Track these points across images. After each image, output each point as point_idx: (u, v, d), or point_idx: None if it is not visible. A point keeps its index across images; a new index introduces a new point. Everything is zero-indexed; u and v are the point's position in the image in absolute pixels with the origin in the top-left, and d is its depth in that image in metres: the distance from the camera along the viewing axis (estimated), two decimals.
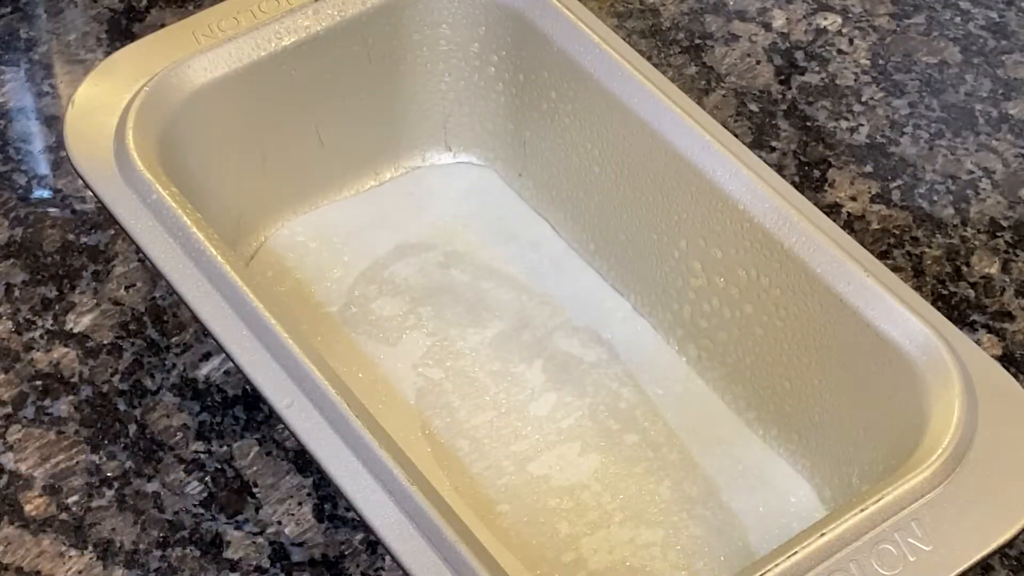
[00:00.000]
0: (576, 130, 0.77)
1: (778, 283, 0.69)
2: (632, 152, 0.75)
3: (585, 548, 0.69)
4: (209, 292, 0.65)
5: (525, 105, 0.80)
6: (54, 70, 0.89)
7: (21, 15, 0.91)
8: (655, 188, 0.74)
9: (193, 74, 0.74)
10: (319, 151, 0.81)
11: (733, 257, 0.71)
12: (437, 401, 0.74)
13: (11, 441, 0.72)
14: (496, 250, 0.81)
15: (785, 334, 0.70)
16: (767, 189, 0.69)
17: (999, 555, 0.69)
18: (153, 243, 0.67)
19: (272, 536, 0.69)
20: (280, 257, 0.80)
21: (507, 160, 0.83)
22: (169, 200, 0.67)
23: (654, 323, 0.77)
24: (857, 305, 0.66)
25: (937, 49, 0.91)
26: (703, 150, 0.71)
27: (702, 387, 0.75)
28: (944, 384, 0.62)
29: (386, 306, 0.78)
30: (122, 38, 0.89)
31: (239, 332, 0.64)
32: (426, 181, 0.84)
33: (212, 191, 0.76)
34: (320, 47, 0.77)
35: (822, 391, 0.69)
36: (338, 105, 0.80)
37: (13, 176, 0.82)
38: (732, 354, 0.73)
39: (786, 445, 0.72)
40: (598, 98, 0.75)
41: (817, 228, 0.67)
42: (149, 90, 0.72)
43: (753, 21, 0.93)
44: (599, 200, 0.78)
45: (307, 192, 0.81)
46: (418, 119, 0.83)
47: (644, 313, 0.78)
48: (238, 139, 0.77)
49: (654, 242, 0.75)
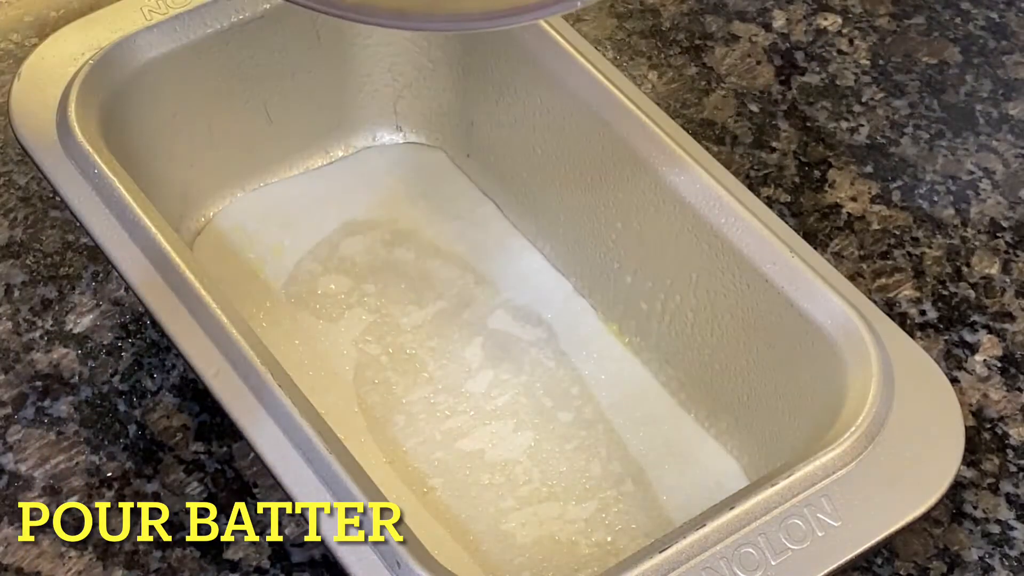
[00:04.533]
0: (520, 112, 0.78)
1: (708, 265, 0.70)
2: (572, 134, 0.75)
3: (515, 522, 0.70)
4: (141, 260, 0.66)
5: (472, 87, 0.81)
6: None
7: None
8: (594, 170, 0.75)
9: (140, 49, 0.74)
10: (268, 129, 0.81)
11: (666, 239, 0.72)
12: (375, 376, 0.75)
13: (11, 442, 0.72)
14: (442, 229, 0.82)
15: (715, 315, 0.71)
16: (698, 170, 0.70)
17: (1000, 556, 0.69)
18: (91, 214, 0.68)
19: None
20: (227, 233, 0.81)
21: (455, 141, 0.84)
22: (107, 171, 0.68)
23: (593, 304, 0.78)
24: (782, 285, 0.66)
25: (937, 49, 0.91)
26: (640, 133, 0.72)
27: (637, 368, 0.76)
28: (861, 364, 0.63)
29: (331, 283, 0.79)
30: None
31: (170, 302, 0.65)
32: (375, 160, 0.85)
33: (159, 166, 0.77)
34: (269, 25, 0.78)
35: (749, 371, 0.70)
36: (287, 84, 0.81)
37: (14, 176, 0.83)
38: (665, 335, 0.74)
39: (716, 424, 0.73)
40: (541, 80, 0.76)
41: (746, 209, 0.68)
42: (94, 63, 0.73)
43: (753, 21, 0.93)
44: (541, 182, 0.79)
45: (255, 169, 0.82)
46: (368, 99, 0.84)
47: (584, 294, 0.78)
48: (186, 115, 0.78)
49: (592, 224, 0.76)
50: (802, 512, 0.59)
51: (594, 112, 0.73)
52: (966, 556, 0.69)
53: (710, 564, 0.58)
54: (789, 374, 0.67)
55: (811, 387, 0.66)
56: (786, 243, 0.67)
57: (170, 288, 0.65)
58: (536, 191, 0.79)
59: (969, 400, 0.75)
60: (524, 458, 0.72)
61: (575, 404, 0.74)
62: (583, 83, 0.74)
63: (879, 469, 0.60)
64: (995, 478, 0.72)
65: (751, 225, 0.68)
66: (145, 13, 0.75)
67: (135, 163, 0.72)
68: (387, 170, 0.84)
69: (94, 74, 0.72)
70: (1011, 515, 0.71)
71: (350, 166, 0.84)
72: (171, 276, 0.65)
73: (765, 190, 0.83)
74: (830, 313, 0.65)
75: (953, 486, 0.62)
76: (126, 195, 0.67)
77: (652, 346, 0.75)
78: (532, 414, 0.74)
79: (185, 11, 0.75)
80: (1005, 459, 0.73)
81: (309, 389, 0.64)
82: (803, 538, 0.58)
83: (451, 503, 0.71)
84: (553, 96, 0.76)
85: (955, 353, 0.77)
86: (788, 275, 0.66)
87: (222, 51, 0.77)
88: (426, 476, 0.72)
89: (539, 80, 0.76)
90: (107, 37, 0.74)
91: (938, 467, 0.61)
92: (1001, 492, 0.72)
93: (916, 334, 0.77)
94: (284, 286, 0.79)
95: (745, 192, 0.70)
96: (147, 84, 0.75)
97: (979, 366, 0.76)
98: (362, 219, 0.82)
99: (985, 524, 0.70)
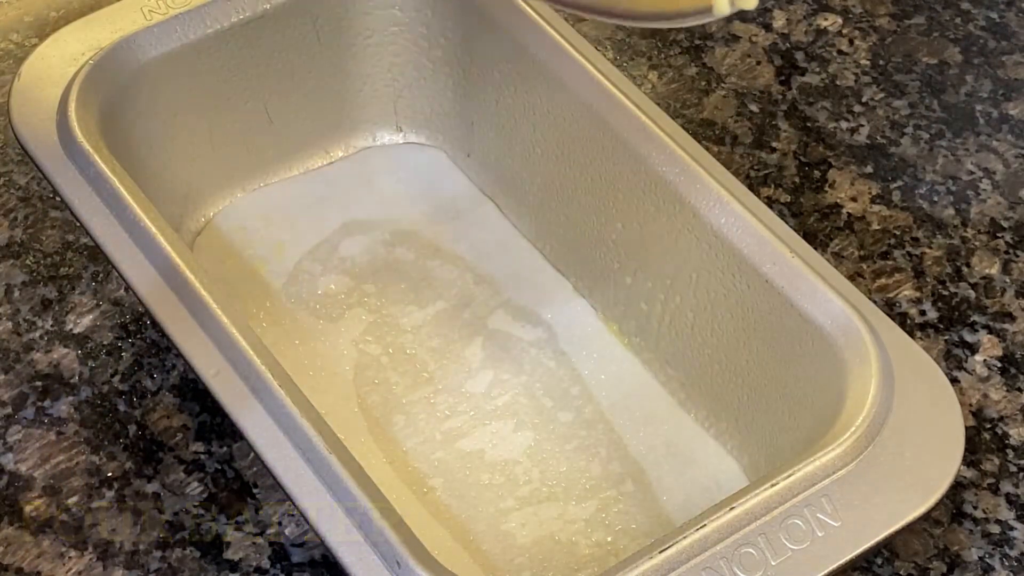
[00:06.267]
0: (520, 112, 0.78)
1: (708, 265, 0.70)
2: (573, 134, 0.75)
3: (515, 522, 0.70)
4: (141, 260, 0.66)
5: (472, 87, 0.81)
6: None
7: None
8: (594, 170, 0.75)
9: (140, 49, 0.74)
10: (268, 129, 0.81)
11: (666, 239, 0.72)
12: (375, 377, 0.75)
13: (11, 442, 0.72)
14: (442, 229, 0.82)
15: (715, 315, 0.71)
16: (699, 169, 0.70)
17: (1000, 556, 0.70)
18: (91, 214, 0.68)
19: (272, 537, 0.69)
20: (227, 233, 0.81)
21: (455, 141, 0.84)
22: (107, 171, 0.68)
23: (593, 304, 0.78)
24: (782, 285, 0.66)
25: (937, 50, 0.91)
26: (639, 133, 0.72)
27: (637, 367, 0.76)
28: (862, 364, 0.63)
29: (331, 283, 0.79)
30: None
31: (170, 302, 0.65)
32: (375, 161, 0.85)
33: (159, 166, 0.77)
34: (269, 26, 0.78)
35: (749, 371, 0.70)
36: (287, 84, 0.81)
37: (14, 176, 0.83)
38: (665, 335, 0.74)
39: (716, 424, 0.73)
40: (541, 80, 0.76)
41: (746, 209, 0.68)
42: (94, 63, 0.73)
43: (753, 22, 0.93)
44: (541, 182, 0.79)
45: (255, 169, 0.82)
46: (368, 99, 0.84)
47: (584, 294, 0.78)
48: (186, 115, 0.78)
49: (592, 224, 0.76)
50: (802, 512, 0.59)
51: (594, 112, 0.73)
52: (966, 556, 0.69)
53: (710, 564, 0.58)
54: (789, 374, 0.67)
55: (811, 387, 0.66)
56: (786, 243, 0.67)
57: (170, 288, 0.65)
58: (536, 191, 0.79)
59: (969, 400, 0.75)
60: (524, 458, 0.72)
61: (575, 404, 0.74)
62: (583, 83, 0.74)
63: (879, 469, 0.60)
64: (995, 478, 0.72)
65: (751, 225, 0.68)
66: (145, 13, 0.75)
67: (135, 163, 0.72)
68: (387, 170, 0.84)
69: (94, 74, 0.72)
70: (1011, 515, 0.71)
71: (350, 166, 0.84)
72: (171, 276, 0.65)
73: (765, 190, 0.83)
74: (830, 313, 0.65)
75: (953, 486, 0.62)
76: (126, 195, 0.67)
77: (652, 346, 0.75)
78: (532, 414, 0.74)
79: (185, 11, 0.75)
80: (1005, 459, 0.73)
81: (309, 389, 0.64)
82: (803, 538, 0.58)
83: (451, 503, 0.71)
84: (553, 96, 0.76)
85: (955, 353, 0.77)
86: (788, 275, 0.66)
87: (222, 51, 0.77)
88: (426, 476, 0.72)
89: (539, 80, 0.76)
90: (107, 37, 0.74)
91: (938, 467, 0.61)
92: (1001, 492, 0.72)
93: (916, 334, 0.77)
94: (284, 286, 0.79)
95: (745, 192, 0.70)
96: (147, 84, 0.75)
97: (979, 366, 0.76)
98: (362, 219, 0.82)
99: (985, 524, 0.70)
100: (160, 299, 0.65)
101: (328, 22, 0.80)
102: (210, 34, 0.76)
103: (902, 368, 0.63)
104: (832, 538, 0.59)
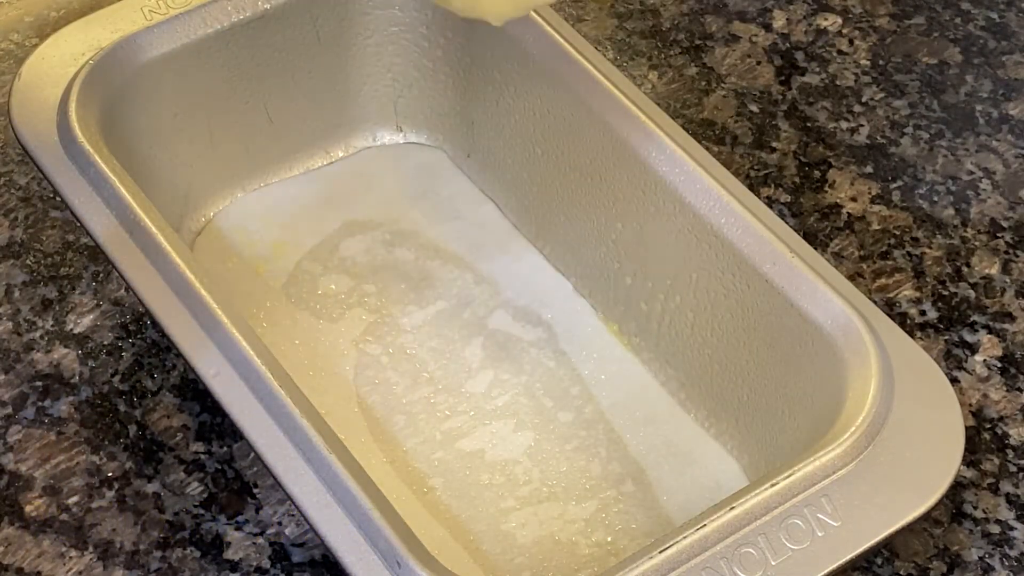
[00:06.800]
0: (520, 111, 0.78)
1: (708, 265, 0.70)
2: (572, 134, 0.75)
3: (515, 522, 0.70)
4: (141, 260, 0.66)
5: (473, 87, 0.81)
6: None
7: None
8: (593, 170, 0.75)
9: (140, 49, 0.74)
10: (268, 129, 0.81)
11: (666, 239, 0.72)
12: (375, 376, 0.75)
13: (11, 442, 0.72)
14: (442, 229, 0.82)
15: (715, 315, 0.71)
16: (699, 169, 0.70)
17: (1000, 556, 0.70)
18: (91, 214, 0.68)
19: (272, 537, 0.69)
20: (228, 233, 0.81)
21: (456, 141, 0.84)
22: (107, 171, 0.68)
23: (593, 304, 0.78)
24: (782, 285, 0.66)
25: (937, 50, 0.91)
26: (639, 133, 0.72)
27: (637, 368, 0.76)
28: (862, 364, 0.63)
29: (331, 283, 0.79)
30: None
31: (170, 302, 0.65)
32: (376, 160, 0.85)
33: (160, 166, 0.77)
34: (269, 26, 0.78)
35: (749, 371, 0.70)
36: (288, 84, 0.81)
37: (14, 176, 0.83)
38: (665, 335, 0.74)
39: (716, 425, 0.73)
40: (541, 80, 0.76)
41: (746, 209, 0.68)
42: (94, 63, 0.73)
43: (753, 22, 0.93)
44: (542, 182, 0.79)
45: (255, 169, 0.82)
46: (368, 99, 0.84)
47: (584, 294, 0.78)
48: (186, 115, 0.78)
49: (592, 224, 0.76)
50: (802, 512, 0.59)
51: (594, 112, 0.73)
52: (966, 556, 0.69)
53: (710, 564, 0.58)
54: (789, 374, 0.67)
55: (811, 387, 0.66)
56: (786, 243, 0.67)
57: (170, 288, 0.65)
58: (536, 191, 0.79)
59: (969, 400, 0.75)
60: (524, 458, 0.72)
61: (575, 404, 0.74)
62: (583, 83, 0.74)
63: (879, 469, 0.60)
64: (995, 478, 0.72)
65: (751, 225, 0.68)
66: (145, 13, 0.75)
67: (135, 163, 0.72)
68: (387, 170, 0.84)
69: (94, 74, 0.72)
70: (1011, 515, 0.71)
71: (350, 166, 0.84)
72: (171, 276, 0.65)
73: (765, 190, 0.83)
74: (830, 313, 0.65)
75: (953, 486, 0.62)
76: (126, 195, 0.67)
77: (652, 346, 0.75)
78: (532, 414, 0.74)
79: (185, 11, 0.75)
80: (1005, 459, 0.73)
81: (309, 389, 0.64)
82: (803, 538, 0.58)
83: (451, 503, 0.71)
84: (553, 96, 0.76)
85: (955, 353, 0.77)
86: (788, 275, 0.66)
87: (222, 51, 0.77)
88: (426, 476, 0.72)
89: (539, 80, 0.76)
90: (107, 37, 0.74)
91: (938, 467, 0.61)
92: (1001, 492, 0.72)
93: (916, 334, 0.77)
94: (284, 286, 0.79)
95: (745, 192, 0.70)
96: (147, 84, 0.75)
97: (979, 366, 0.76)
98: (363, 219, 0.82)
99: (985, 524, 0.70)
100: (160, 299, 0.65)
101: (328, 22, 0.80)
102: (210, 34, 0.76)
103: (902, 368, 0.63)
104: (832, 538, 0.59)
